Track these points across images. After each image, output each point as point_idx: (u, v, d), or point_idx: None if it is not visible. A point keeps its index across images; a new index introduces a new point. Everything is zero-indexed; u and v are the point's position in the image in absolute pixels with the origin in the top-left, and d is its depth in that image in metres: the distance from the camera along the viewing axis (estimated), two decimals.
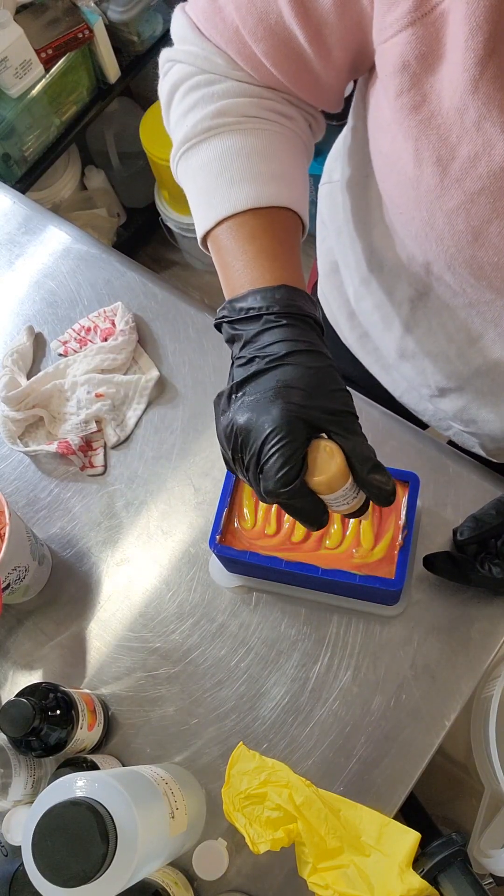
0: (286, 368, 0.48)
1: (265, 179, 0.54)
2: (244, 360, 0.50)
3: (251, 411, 0.48)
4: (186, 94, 0.56)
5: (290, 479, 0.47)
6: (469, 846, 0.68)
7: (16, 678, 0.74)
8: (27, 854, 0.46)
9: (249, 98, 0.55)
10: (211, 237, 0.56)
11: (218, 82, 0.55)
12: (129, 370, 0.85)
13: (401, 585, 0.64)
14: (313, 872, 0.60)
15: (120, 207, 1.95)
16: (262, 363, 0.49)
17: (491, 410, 0.68)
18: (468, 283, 0.53)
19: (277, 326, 0.49)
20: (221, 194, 0.54)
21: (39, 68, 1.40)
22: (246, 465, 0.49)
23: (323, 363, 0.49)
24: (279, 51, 0.51)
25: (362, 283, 0.72)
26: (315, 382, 0.48)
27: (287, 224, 0.55)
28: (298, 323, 0.50)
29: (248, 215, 0.54)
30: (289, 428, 0.47)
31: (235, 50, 0.53)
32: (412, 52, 0.43)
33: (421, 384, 0.73)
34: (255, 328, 0.50)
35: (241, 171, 0.54)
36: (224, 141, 0.55)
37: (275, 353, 0.49)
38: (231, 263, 0.54)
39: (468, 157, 0.44)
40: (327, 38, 0.49)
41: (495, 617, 0.70)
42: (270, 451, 0.47)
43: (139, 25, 1.53)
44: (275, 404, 0.47)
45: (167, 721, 0.70)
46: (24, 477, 0.82)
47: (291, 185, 0.56)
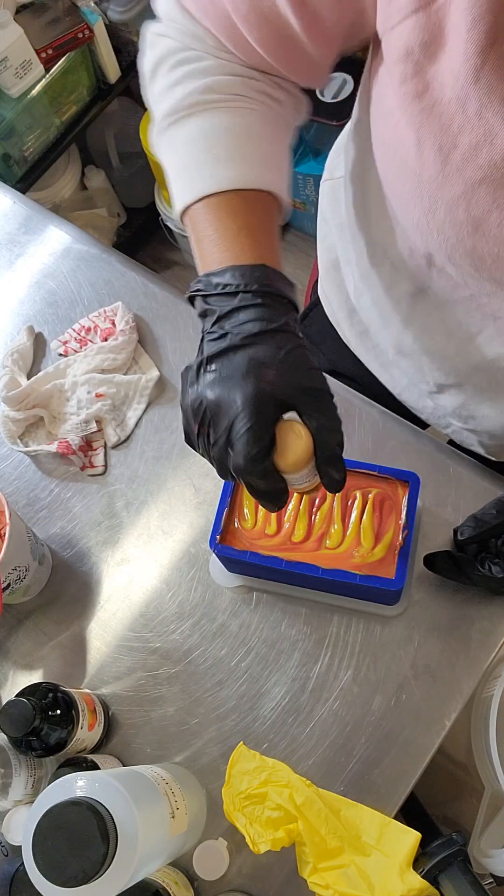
0: (259, 347, 0.48)
1: (252, 161, 0.54)
2: (216, 336, 0.50)
3: (221, 387, 0.48)
4: (174, 67, 0.56)
5: (260, 458, 0.48)
6: (469, 846, 0.68)
7: (16, 678, 0.74)
8: (27, 854, 0.46)
9: (239, 77, 0.55)
10: (191, 211, 0.55)
11: (206, 59, 0.55)
12: (129, 370, 0.85)
13: (401, 585, 0.64)
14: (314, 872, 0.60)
15: (120, 207, 1.95)
16: (236, 339, 0.49)
17: (490, 406, 0.68)
18: (468, 275, 0.53)
19: (253, 305, 0.49)
20: (206, 171, 0.54)
21: (39, 68, 1.40)
22: (213, 441, 0.49)
23: (296, 343, 0.49)
24: (272, 37, 0.51)
25: (363, 278, 0.72)
26: (288, 361, 0.48)
27: (269, 207, 0.55)
28: (274, 303, 0.50)
29: (231, 194, 0.54)
30: (260, 406, 0.47)
31: (225, 34, 0.53)
32: (416, 39, 0.43)
33: (420, 380, 0.73)
34: (229, 304, 0.50)
35: (229, 150, 0.54)
36: (212, 117, 0.55)
37: (248, 331, 0.49)
38: (210, 237, 0.54)
39: (469, 147, 0.45)
40: (324, 23, 0.49)
41: (495, 617, 0.70)
42: (242, 428, 0.47)
43: (139, 25, 1.52)
44: (247, 381, 0.47)
45: (167, 721, 0.70)
46: (24, 477, 0.82)
47: (276, 168, 0.56)
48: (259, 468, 0.48)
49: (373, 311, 0.73)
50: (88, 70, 1.51)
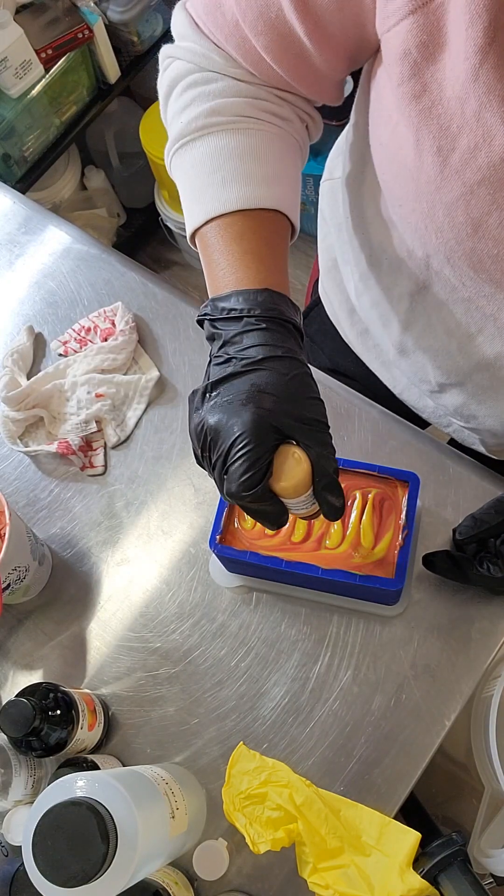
0: (261, 373, 0.49)
1: (257, 181, 0.54)
2: (221, 360, 0.50)
3: (222, 413, 0.48)
4: (183, 91, 0.57)
5: (253, 484, 0.48)
6: (469, 846, 0.68)
7: (16, 678, 0.74)
8: (27, 854, 0.46)
9: (245, 98, 0.56)
10: (199, 234, 0.56)
11: (214, 81, 0.56)
12: (129, 370, 0.85)
13: (401, 585, 0.64)
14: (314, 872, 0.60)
15: (120, 207, 1.95)
16: (239, 365, 0.49)
17: (491, 405, 0.68)
18: (467, 277, 0.53)
19: (257, 329, 0.50)
20: (212, 193, 0.54)
21: (39, 68, 1.40)
22: (213, 465, 0.50)
23: (299, 370, 0.50)
24: (279, 45, 0.51)
25: (362, 279, 0.72)
26: (289, 389, 0.49)
27: (275, 227, 0.55)
28: (278, 328, 0.51)
29: (237, 216, 0.54)
30: (257, 433, 0.47)
31: (235, 45, 0.54)
32: (413, 40, 0.43)
33: (421, 380, 0.73)
34: (234, 329, 0.50)
35: (233, 171, 0.54)
36: (217, 140, 0.55)
37: (252, 357, 0.49)
38: (217, 261, 0.54)
39: (468, 148, 0.45)
40: (327, 30, 0.49)
41: (495, 616, 0.70)
42: (236, 454, 0.47)
43: (139, 25, 1.53)
44: (246, 408, 0.48)
45: (167, 721, 0.70)
46: (24, 477, 0.82)
47: (283, 187, 0.56)
48: (252, 493, 0.48)
49: (373, 311, 0.73)
50: (88, 70, 1.51)
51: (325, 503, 0.51)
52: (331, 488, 0.51)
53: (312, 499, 0.52)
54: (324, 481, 0.50)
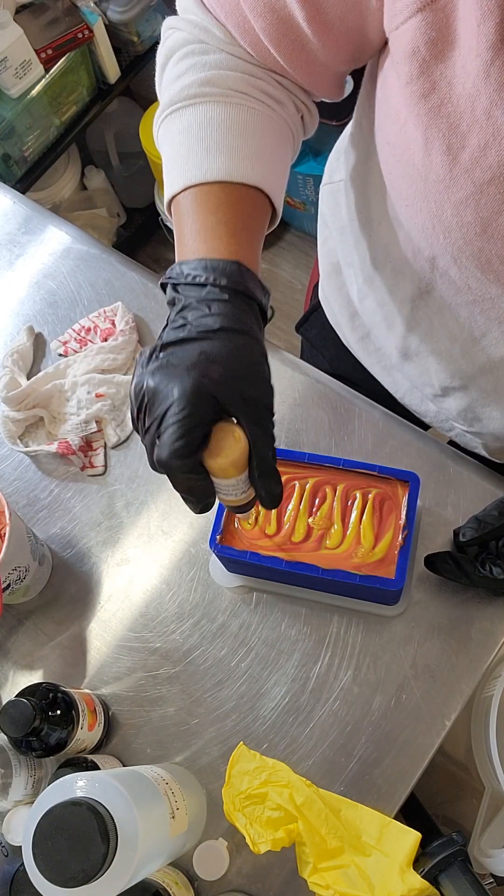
0: (214, 342, 0.47)
1: (241, 155, 0.53)
2: (177, 325, 0.48)
3: (164, 375, 0.46)
4: (180, 59, 0.56)
5: (184, 454, 0.46)
6: (469, 846, 0.68)
7: (16, 678, 0.74)
8: (27, 854, 0.46)
9: (241, 73, 0.55)
10: (176, 200, 0.55)
11: (212, 52, 0.55)
12: (129, 370, 0.85)
13: (401, 585, 0.64)
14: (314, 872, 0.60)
15: (120, 207, 1.95)
16: (193, 331, 0.47)
17: (496, 409, 0.68)
18: (473, 278, 0.53)
19: (218, 300, 0.48)
20: (194, 161, 0.53)
21: (39, 68, 1.40)
22: (146, 429, 0.48)
23: (253, 349, 0.48)
24: (278, 29, 0.51)
25: (366, 281, 0.72)
26: (239, 364, 0.47)
27: (255, 205, 0.54)
28: (241, 303, 0.49)
29: (216, 186, 0.53)
30: (196, 400, 0.45)
31: (235, 24, 0.53)
32: (422, 38, 0.43)
33: (424, 384, 0.73)
34: (196, 295, 0.49)
35: (218, 142, 0.53)
36: (207, 109, 0.54)
37: (207, 325, 0.47)
38: (189, 228, 0.53)
39: (478, 147, 0.44)
40: (326, 17, 0.48)
41: (496, 617, 0.70)
42: (171, 419, 0.45)
43: (139, 25, 1.53)
44: (190, 373, 0.46)
45: (167, 721, 0.70)
46: (24, 477, 0.82)
47: (268, 167, 0.54)
48: (182, 463, 0.46)
49: (376, 313, 0.73)
50: (88, 70, 1.51)
51: (264, 489, 0.50)
52: (269, 473, 0.49)
53: (245, 486, 0.50)
54: (262, 466, 0.48)
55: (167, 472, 0.48)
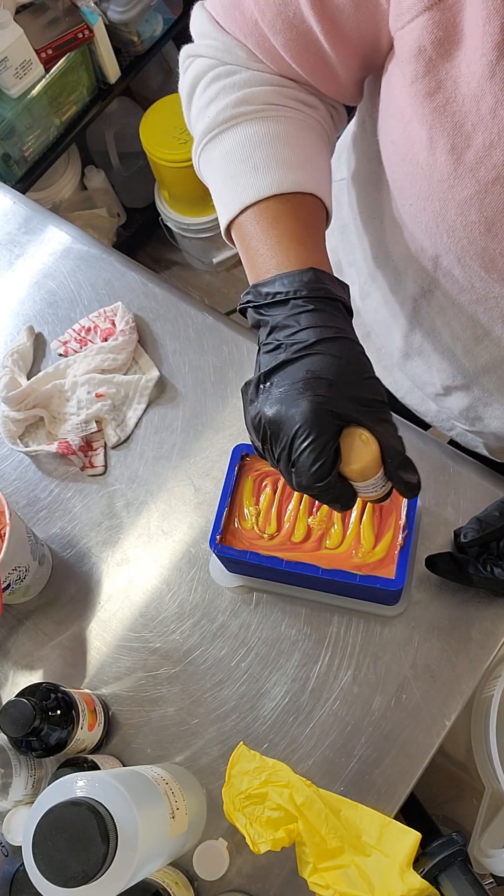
0: (315, 358, 0.47)
1: (289, 165, 0.53)
2: (271, 347, 0.49)
3: (280, 404, 0.47)
4: (208, 85, 0.56)
5: (324, 475, 0.47)
6: (469, 846, 0.68)
7: (16, 678, 0.74)
8: (28, 854, 0.46)
9: (271, 87, 0.55)
10: (235, 225, 0.55)
11: (239, 72, 0.55)
12: (129, 370, 0.85)
13: (401, 585, 0.64)
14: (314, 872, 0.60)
15: (120, 207, 1.95)
16: (291, 352, 0.47)
17: (498, 408, 0.67)
18: (477, 277, 0.53)
19: (305, 311, 0.48)
20: (244, 181, 0.53)
21: (39, 68, 1.40)
22: (277, 458, 0.48)
23: (352, 351, 0.48)
24: (297, 43, 0.51)
25: (368, 280, 0.72)
26: (345, 372, 0.47)
27: (311, 209, 0.54)
28: (327, 307, 0.49)
29: (272, 201, 0.53)
30: (319, 422, 0.46)
31: (255, 43, 0.53)
32: (428, 37, 0.43)
33: (426, 383, 0.73)
34: (282, 313, 0.49)
35: (265, 157, 0.53)
36: (247, 129, 0.54)
37: (303, 341, 0.47)
38: (255, 248, 0.53)
39: (483, 146, 0.44)
40: (343, 31, 0.49)
41: (496, 617, 0.70)
42: (301, 446, 0.46)
43: (139, 25, 1.53)
44: (304, 397, 0.46)
45: (168, 721, 0.70)
46: (24, 477, 0.82)
47: (315, 171, 0.55)
48: (324, 484, 0.47)
49: (378, 312, 0.73)
50: (88, 70, 1.51)
51: (401, 482, 0.50)
52: (405, 465, 0.49)
53: (383, 480, 0.50)
54: (396, 459, 0.49)
55: (310, 493, 0.49)
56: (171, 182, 1.69)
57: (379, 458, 0.48)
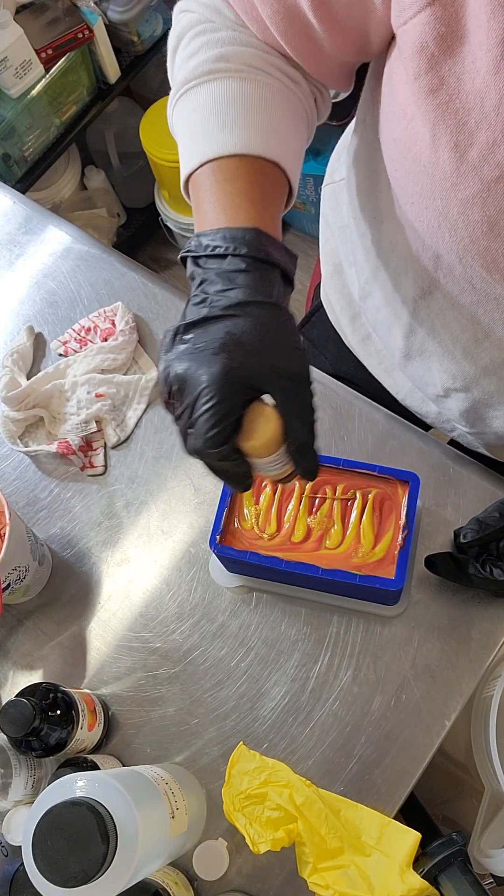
0: (238, 320, 0.45)
1: (258, 130, 0.52)
2: (198, 300, 0.47)
3: (191, 361, 0.46)
4: (192, 39, 0.55)
5: (219, 442, 0.45)
6: (469, 846, 0.68)
7: (16, 678, 0.74)
8: (27, 854, 0.46)
9: (255, 50, 0.54)
10: (194, 177, 0.54)
11: (224, 30, 0.55)
12: (129, 370, 0.85)
13: (401, 585, 0.64)
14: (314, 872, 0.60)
15: (120, 207, 1.95)
16: (216, 308, 0.46)
17: (499, 409, 0.67)
18: (478, 277, 0.52)
19: (240, 271, 0.47)
20: (210, 136, 0.52)
21: (39, 68, 1.40)
22: (178, 415, 0.47)
23: (278, 318, 0.47)
24: (284, 16, 0.50)
25: (368, 280, 0.71)
26: (267, 338, 0.46)
27: (272, 178, 0.53)
28: (263, 271, 0.48)
29: (233, 159, 0.52)
30: (226, 386, 0.45)
31: (243, 9, 0.53)
32: (430, 33, 0.42)
33: (426, 384, 0.73)
34: (216, 267, 0.47)
35: (235, 116, 0.52)
36: (223, 85, 0.53)
37: (230, 300, 0.46)
38: (207, 199, 0.52)
39: (487, 144, 0.43)
40: (331, 8, 0.48)
41: (496, 617, 0.70)
42: (202, 408, 0.45)
43: (139, 25, 1.53)
44: (217, 358, 0.45)
45: (167, 721, 0.70)
46: (24, 477, 0.82)
47: (284, 142, 0.54)
48: (217, 451, 0.46)
49: (379, 313, 0.73)
50: (88, 70, 1.51)
51: (299, 465, 0.49)
52: (303, 451, 0.48)
53: (283, 460, 0.49)
54: (296, 443, 0.47)
55: (202, 459, 0.48)
56: (171, 182, 1.69)
57: (279, 438, 0.47)
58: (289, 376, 0.46)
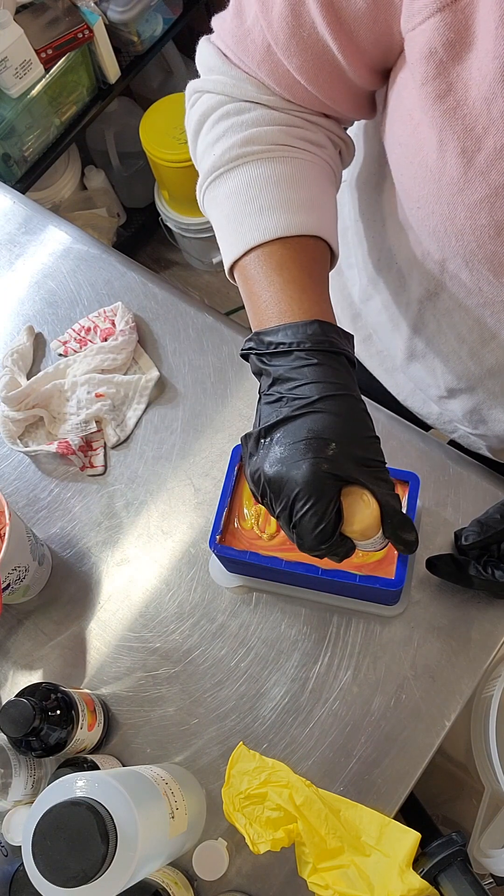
0: (317, 416, 0.47)
1: (295, 207, 0.53)
2: (273, 399, 0.49)
3: (280, 464, 0.47)
4: (216, 123, 0.56)
5: (327, 537, 0.48)
6: (469, 846, 0.68)
7: (16, 678, 0.74)
8: (27, 854, 0.46)
9: (280, 126, 0.55)
10: (238, 267, 0.55)
11: (248, 111, 0.55)
12: (129, 370, 0.85)
13: (401, 585, 0.64)
14: (313, 872, 0.60)
15: (120, 207, 1.95)
16: (292, 407, 0.47)
17: (502, 411, 0.67)
18: (486, 281, 0.53)
19: (308, 365, 0.48)
20: (250, 223, 0.53)
21: (39, 68, 1.40)
22: (277, 515, 0.49)
23: (355, 409, 0.49)
24: (313, 64, 0.51)
25: (370, 282, 0.71)
26: (347, 432, 0.47)
27: (316, 254, 0.54)
28: (331, 361, 0.49)
29: (277, 244, 0.53)
30: (319, 485, 0.46)
31: (268, 71, 0.53)
32: (439, 39, 0.43)
33: (429, 385, 0.73)
34: (284, 365, 0.49)
35: (271, 198, 0.53)
36: (253, 169, 0.54)
37: (305, 397, 0.47)
38: (259, 294, 0.53)
39: (494, 149, 0.44)
40: (359, 44, 0.48)
41: (495, 617, 0.70)
42: (303, 509, 0.47)
43: (139, 25, 1.53)
44: (305, 459, 0.46)
45: (167, 721, 0.70)
46: (24, 477, 0.82)
47: (321, 213, 0.55)
48: (328, 547, 0.48)
49: (381, 315, 0.73)
50: (88, 70, 1.51)
51: (400, 542, 0.51)
52: (403, 526, 0.50)
53: (382, 537, 0.51)
54: (395, 520, 0.49)
55: (312, 553, 0.50)
56: (171, 182, 1.69)
57: (379, 519, 0.49)
58: (371, 464, 0.48)
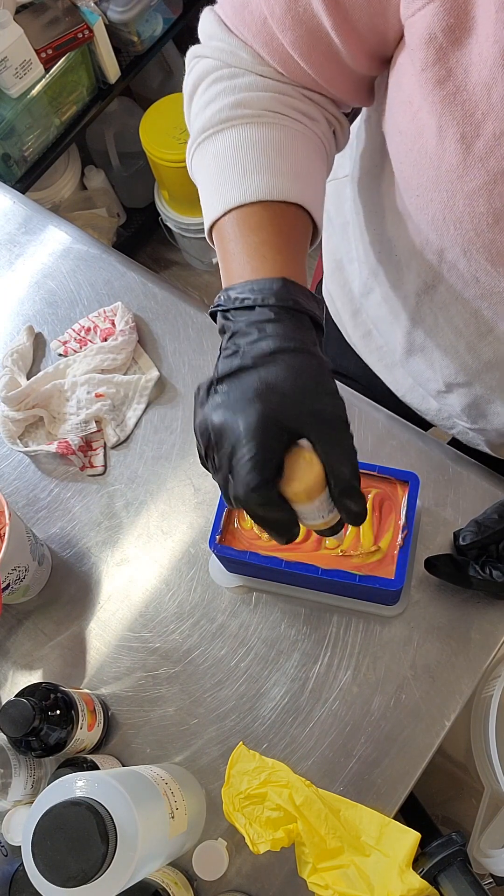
0: (271, 367, 0.46)
1: (279, 173, 0.53)
2: (230, 352, 0.48)
3: (227, 410, 0.46)
4: (209, 86, 0.56)
5: (260, 486, 0.45)
6: (469, 846, 0.68)
7: (16, 678, 0.74)
8: (27, 854, 0.46)
9: (272, 93, 0.54)
10: (216, 227, 0.54)
11: (241, 76, 0.55)
12: (129, 370, 0.85)
13: (400, 585, 0.64)
14: (313, 872, 0.60)
15: (120, 207, 1.95)
16: (248, 358, 0.46)
17: (501, 405, 0.67)
18: (483, 271, 0.52)
19: (269, 321, 0.47)
20: (232, 184, 0.53)
21: (39, 68, 1.40)
22: (217, 466, 0.47)
23: (312, 363, 0.47)
24: (307, 41, 0.50)
25: (370, 276, 0.71)
26: (301, 384, 0.46)
27: (296, 221, 0.54)
28: (294, 320, 0.48)
29: (256, 207, 0.52)
30: (264, 432, 0.45)
31: (263, 42, 0.53)
32: (439, 24, 0.42)
33: (428, 380, 0.73)
34: (245, 319, 0.48)
35: (255, 162, 0.53)
36: (241, 132, 0.54)
37: (262, 350, 0.46)
38: (232, 252, 0.52)
39: (493, 136, 0.43)
40: (354, 25, 0.48)
41: (495, 618, 0.70)
42: (242, 455, 0.45)
43: (139, 25, 1.53)
44: (253, 405, 0.45)
45: (167, 721, 0.70)
46: (24, 477, 0.82)
47: (306, 183, 0.54)
48: (259, 498, 0.45)
49: (381, 308, 0.73)
50: (88, 70, 1.51)
51: (343, 508, 0.48)
52: (349, 493, 0.47)
53: (329, 507, 0.48)
54: (340, 485, 0.47)
55: (245, 507, 0.47)
56: (171, 182, 1.69)
57: (321, 482, 0.46)
58: (325, 420, 0.46)
